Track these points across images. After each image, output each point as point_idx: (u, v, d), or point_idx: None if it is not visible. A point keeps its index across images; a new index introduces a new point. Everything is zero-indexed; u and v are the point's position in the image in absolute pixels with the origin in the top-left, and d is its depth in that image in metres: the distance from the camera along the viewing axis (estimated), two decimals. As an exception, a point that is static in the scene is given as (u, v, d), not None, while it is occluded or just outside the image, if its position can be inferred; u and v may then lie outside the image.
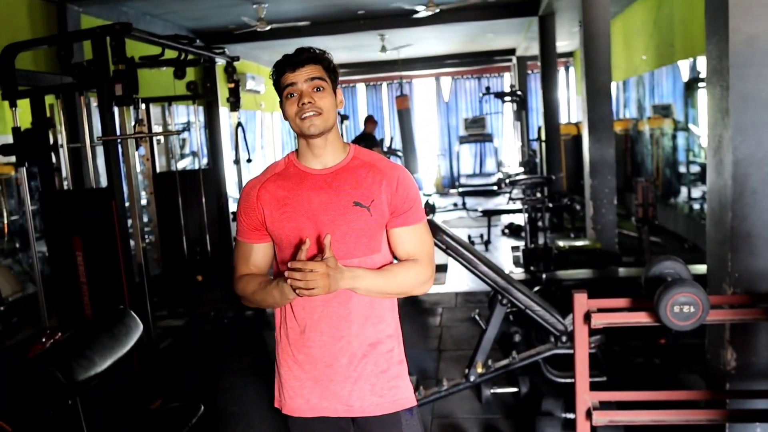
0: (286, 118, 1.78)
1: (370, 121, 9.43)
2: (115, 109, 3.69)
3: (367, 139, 8.94)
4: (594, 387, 2.44)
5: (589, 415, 2.35)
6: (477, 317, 4.12)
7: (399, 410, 1.78)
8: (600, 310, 2.32)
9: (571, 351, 2.48)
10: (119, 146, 3.82)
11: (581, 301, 2.31)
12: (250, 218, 1.80)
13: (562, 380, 3.60)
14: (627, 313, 2.35)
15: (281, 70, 1.75)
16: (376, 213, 1.74)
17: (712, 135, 2.68)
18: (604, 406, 2.49)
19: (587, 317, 2.29)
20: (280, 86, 1.76)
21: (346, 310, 1.73)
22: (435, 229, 3.37)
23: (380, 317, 1.78)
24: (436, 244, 3.34)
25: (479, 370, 3.49)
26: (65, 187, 4.35)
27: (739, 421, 2.64)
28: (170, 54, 4.92)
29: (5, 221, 5.42)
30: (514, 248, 7.16)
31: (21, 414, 2.19)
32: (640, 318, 2.27)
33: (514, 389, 3.73)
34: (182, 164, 8.83)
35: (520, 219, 8.37)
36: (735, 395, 2.67)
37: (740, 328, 2.64)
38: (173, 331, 5.41)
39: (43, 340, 3.26)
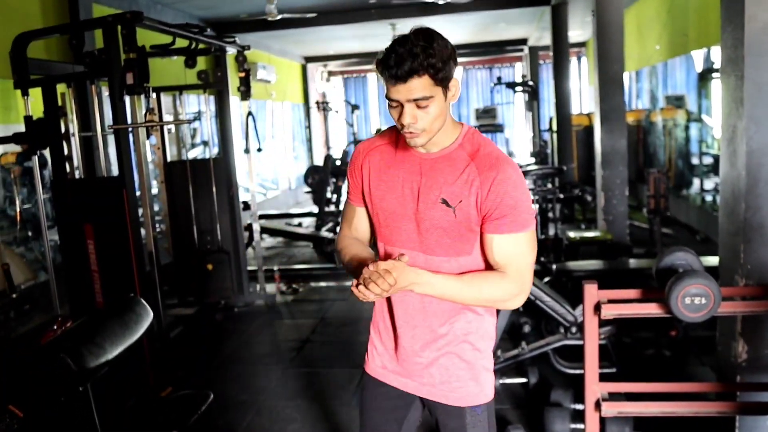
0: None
1: None
2: (126, 98, 3.69)
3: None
4: (604, 378, 2.43)
5: (598, 406, 2.34)
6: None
7: (464, 406, 1.74)
8: (610, 301, 2.31)
9: (580, 342, 2.47)
10: (130, 135, 3.83)
11: (591, 291, 2.30)
12: (355, 180, 1.79)
13: (572, 371, 3.60)
14: (638, 305, 2.34)
15: (383, 73, 1.55)
16: (462, 215, 1.62)
17: (725, 125, 2.65)
18: (614, 397, 2.48)
19: (597, 308, 2.28)
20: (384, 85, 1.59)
21: (420, 303, 1.70)
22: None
23: (459, 315, 1.71)
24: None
25: (488, 360, 3.48)
26: (77, 176, 4.37)
27: (750, 413, 2.62)
28: (181, 43, 4.92)
29: (18, 209, 5.46)
30: (525, 239, 7.12)
31: (33, 400, 2.21)
32: (651, 309, 2.26)
33: (524, 380, 3.73)
34: (193, 153, 8.85)
35: (530, 210, 8.32)
36: (746, 388, 2.65)
37: (752, 321, 2.62)
38: (184, 319, 5.44)
39: (55, 327, 3.30)
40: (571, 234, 5.76)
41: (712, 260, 3.72)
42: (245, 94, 5.68)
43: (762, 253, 2.56)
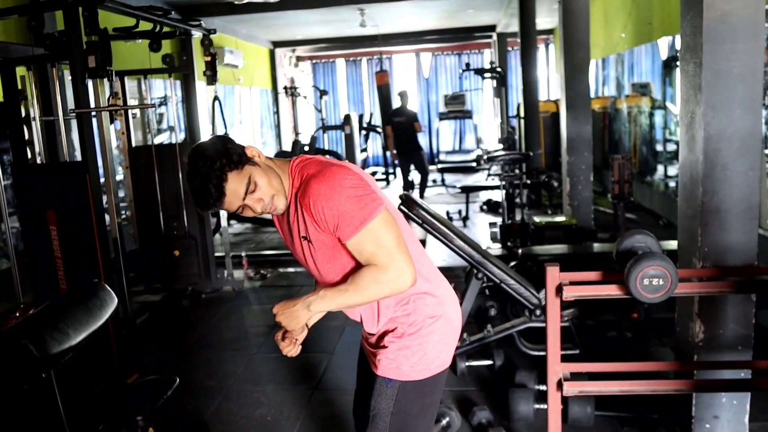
0: None
1: (403, 96, 10.12)
2: (89, 82, 3.63)
3: (404, 114, 9.87)
4: (567, 360, 2.48)
5: (560, 385, 2.39)
6: (453, 292, 4.15)
7: (380, 376, 1.88)
8: (572, 283, 2.36)
9: (544, 324, 2.51)
10: (93, 120, 3.77)
11: (554, 273, 2.35)
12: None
13: (536, 353, 3.66)
14: (598, 286, 2.39)
15: (205, 207, 1.73)
16: (317, 242, 1.77)
17: (684, 111, 2.71)
18: (576, 377, 2.54)
19: (559, 290, 2.32)
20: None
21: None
22: (411, 204, 3.38)
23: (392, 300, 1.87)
24: (413, 219, 3.36)
25: (455, 343, 3.53)
26: (39, 161, 4.29)
27: (706, 390, 2.70)
28: (145, 26, 4.84)
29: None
30: (492, 224, 7.20)
31: (-6, 387, 2.18)
32: (611, 291, 2.31)
33: (489, 362, 3.79)
34: (160, 139, 8.72)
35: (498, 195, 8.42)
36: (702, 366, 2.74)
37: (708, 301, 2.70)
38: (150, 306, 5.40)
39: (17, 314, 3.25)
40: (537, 219, 5.83)
41: (673, 244, 3.81)
42: (211, 78, 5.62)
43: (718, 236, 2.63)
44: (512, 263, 4.62)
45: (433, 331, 1.87)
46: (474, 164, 13.48)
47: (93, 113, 3.72)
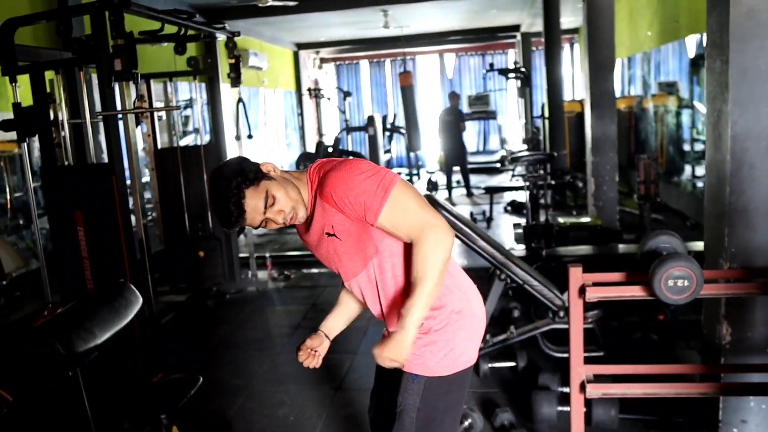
0: None
1: (453, 96, 11.28)
2: (116, 85, 3.68)
3: (454, 113, 10.94)
4: (591, 362, 2.46)
5: (582, 387, 2.37)
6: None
7: (407, 372, 1.87)
8: (595, 284, 2.34)
9: (568, 326, 2.49)
10: (119, 122, 3.82)
11: (576, 274, 2.33)
12: None
13: (559, 355, 3.63)
14: (622, 287, 2.36)
15: (230, 226, 1.80)
16: (343, 233, 1.81)
17: (711, 109, 2.67)
18: (599, 379, 2.51)
19: (582, 291, 2.30)
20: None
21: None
22: (434, 206, 3.38)
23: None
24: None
25: (477, 344, 3.51)
26: (68, 163, 4.36)
27: (733, 394, 2.66)
28: (170, 29, 4.89)
29: (8, 197, 5.45)
30: (516, 225, 7.14)
31: (22, 384, 2.22)
32: (635, 292, 2.28)
33: (512, 363, 3.77)
34: (186, 141, 8.83)
35: (522, 196, 8.37)
36: (729, 369, 2.69)
37: (735, 303, 2.65)
38: (175, 306, 5.46)
39: (45, 313, 3.30)
40: (561, 220, 5.79)
41: (700, 245, 3.75)
42: (235, 81, 5.66)
43: (746, 237, 2.58)
44: (536, 265, 4.58)
45: (461, 327, 1.87)
46: (498, 165, 13.40)
47: (119, 116, 3.77)
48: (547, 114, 9.75)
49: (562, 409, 3.07)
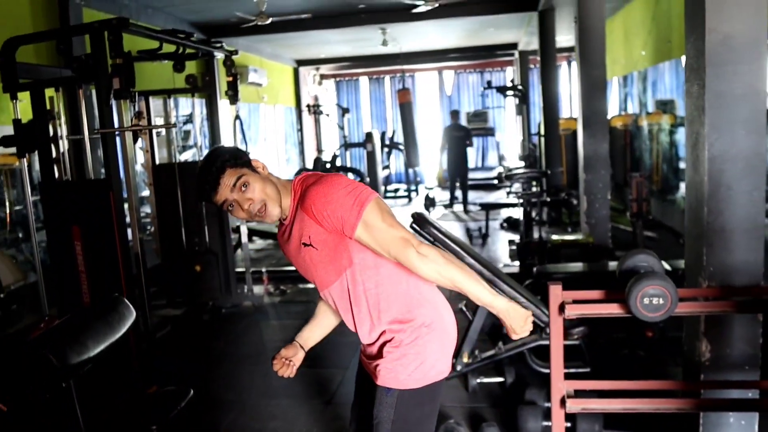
0: None
1: (455, 115, 11.87)
2: (114, 102, 3.77)
3: (464, 129, 11.45)
4: (577, 378, 2.52)
5: (563, 402, 2.43)
6: (464, 309, 4.19)
7: (380, 385, 1.95)
8: (575, 302, 2.40)
9: (550, 341, 2.56)
10: (117, 139, 3.91)
11: (556, 292, 2.39)
12: None
13: (546, 370, 3.67)
14: (600, 305, 2.43)
15: (203, 196, 1.90)
16: (319, 243, 1.89)
17: (690, 132, 2.75)
18: (582, 395, 2.57)
19: (562, 308, 2.37)
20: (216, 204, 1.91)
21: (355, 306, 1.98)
22: (423, 223, 3.44)
23: (387, 309, 1.95)
24: (425, 237, 3.42)
25: (466, 359, 3.58)
26: (67, 179, 4.44)
27: (712, 410, 2.71)
28: (169, 48, 4.99)
29: (8, 211, 5.53)
30: (511, 242, 7.23)
31: (17, 396, 2.28)
32: (612, 309, 2.35)
33: (500, 379, 3.82)
34: (186, 155, 8.92)
35: (519, 213, 8.44)
36: (709, 385, 2.74)
37: (714, 321, 2.72)
38: (171, 320, 5.51)
39: (42, 326, 3.37)
40: (554, 237, 5.85)
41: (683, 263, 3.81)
42: (233, 98, 5.76)
43: (723, 256, 2.65)
44: (527, 281, 4.65)
45: (431, 340, 1.94)
46: (495, 181, 13.50)
47: (117, 133, 3.86)
48: (543, 131, 9.85)
49: (547, 424, 3.13)
